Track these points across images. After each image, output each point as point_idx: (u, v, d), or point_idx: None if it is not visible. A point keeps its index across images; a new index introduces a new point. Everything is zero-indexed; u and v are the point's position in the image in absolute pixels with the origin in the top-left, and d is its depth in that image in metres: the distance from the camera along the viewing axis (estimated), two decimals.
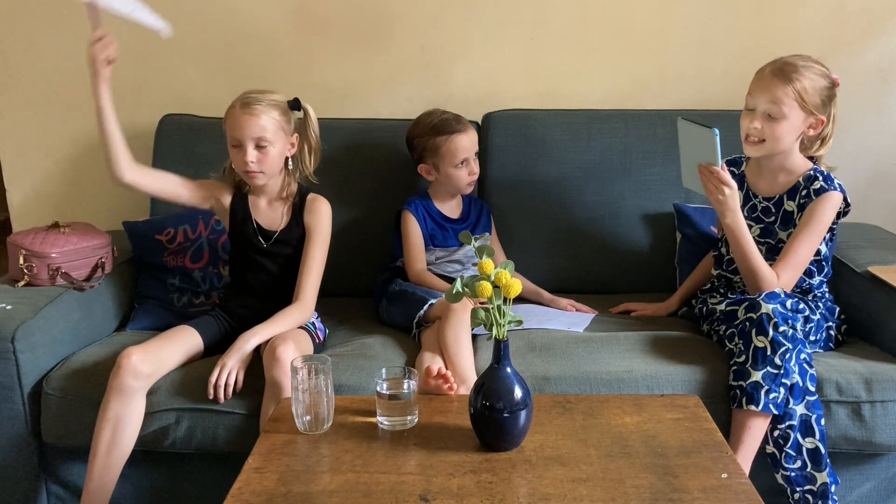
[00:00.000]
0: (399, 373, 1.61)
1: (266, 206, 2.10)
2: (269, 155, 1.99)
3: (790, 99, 1.93)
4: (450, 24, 2.60)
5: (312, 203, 2.10)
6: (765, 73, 1.98)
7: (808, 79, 1.94)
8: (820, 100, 1.96)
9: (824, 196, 1.98)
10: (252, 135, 1.96)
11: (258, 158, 1.97)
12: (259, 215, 2.09)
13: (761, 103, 1.97)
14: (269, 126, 1.97)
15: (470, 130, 2.28)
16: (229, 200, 2.10)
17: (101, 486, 1.81)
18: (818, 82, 1.96)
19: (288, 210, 2.09)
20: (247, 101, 1.98)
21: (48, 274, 2.08)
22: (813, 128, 1.99)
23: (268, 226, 2.09)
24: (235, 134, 1.97)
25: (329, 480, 1.42)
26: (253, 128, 1.96)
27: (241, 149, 1.98)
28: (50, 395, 1.92)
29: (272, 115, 1.98)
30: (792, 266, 1.97)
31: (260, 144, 1.97)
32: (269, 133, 1.97)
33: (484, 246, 1.52)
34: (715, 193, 1.91)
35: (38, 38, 2.61)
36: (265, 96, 2.00)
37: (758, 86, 1.98)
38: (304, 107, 2.07)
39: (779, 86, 1.94)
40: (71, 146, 2.68)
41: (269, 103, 1.99)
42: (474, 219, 2.39)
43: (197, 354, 1.97)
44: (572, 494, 1.37)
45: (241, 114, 1.97)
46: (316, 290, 2.04)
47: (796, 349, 1.81)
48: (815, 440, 1.81)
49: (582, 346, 1.99)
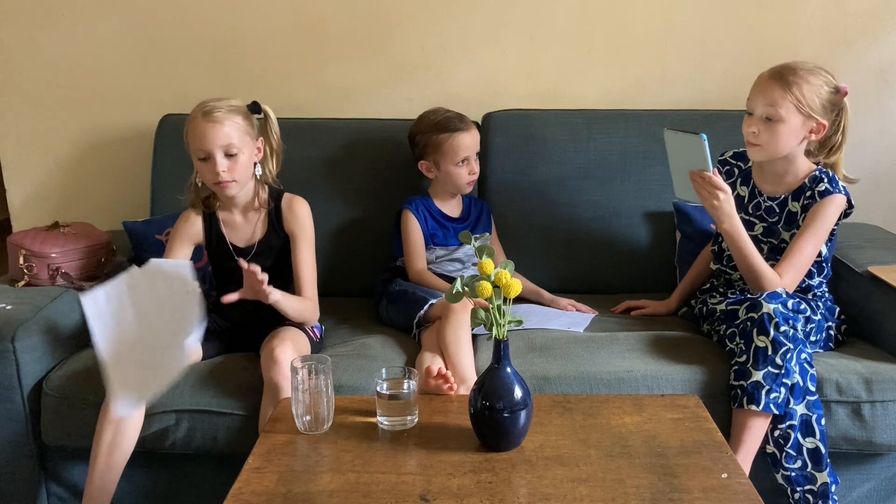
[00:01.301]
0: (399, 373, 1.61)
1: (241, 219, 2.04)
2: (239, 162, 1.93)
3: (787, 102, 1.93)
4: (450, 25, 2.60)
5: (290, 206, 2.04)
6: (763, 77, 1.99)
7: (807, 82, 1.94)
8: (820, 104, 1.95)
9: (829, 198, 1.98)
10: (219, 143, 1.90)
11: (229, 167, 1.91)
12: (233, 232, 2.04)
13: (759, 107, 1.97)
14: (235, 133, 1.92)
15: (472, 129, 2.29)
16: (200, 225, 2.03)
17: (102, 486, 1.81)
18: (818, 87, 1.95)
19: (264, 219, 2.04)
20: (207, 111, 1.91)
21: (48, 274, 2.08)
22: (815, 132, 1.99)
23: (245, 241, 2.04)
24: (202, 146, 1.90)
25: (329, 480, 1.42)
26: (219, 136, 1.90)
27: (209, 161, 1.91)
28: (50, 396, 1.92)
29: (236, 121, 1.93)
30: (795, 266, 1.97)
31: (229, 153, 1.91)
32: (236, 140, 1.92)
33: (484, 246, 1.52)
34: (709, 199, 1.91)
35: (39, 37, 2.61)
36: (223, 103, 1.94)
37: (756, 90, 1.99)
38: (264, 109, 2.02)
39: (775, 89, 1.94)
40: (71, 146, 2.68)
41: (229, 109, 1.93)
42: (474, 218, 2.39)
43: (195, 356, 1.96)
44: (572, 494, 1.37)
45: (204, 123, 1.90)
46: (316, 291, 2.03)
47: (797, 349, 1.81)
48: (815, 440, 1.81)
49: (582, 346, 1.99)
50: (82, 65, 2.63)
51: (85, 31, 2.61)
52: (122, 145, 2.66)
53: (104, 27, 2.60)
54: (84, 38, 2.61)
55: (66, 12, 2.59)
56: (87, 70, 2.63)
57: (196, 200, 2.04)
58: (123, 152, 2.66)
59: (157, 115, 2.53)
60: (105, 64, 2.62)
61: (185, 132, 1.96)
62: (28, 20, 2.60)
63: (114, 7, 2.58)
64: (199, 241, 2.05)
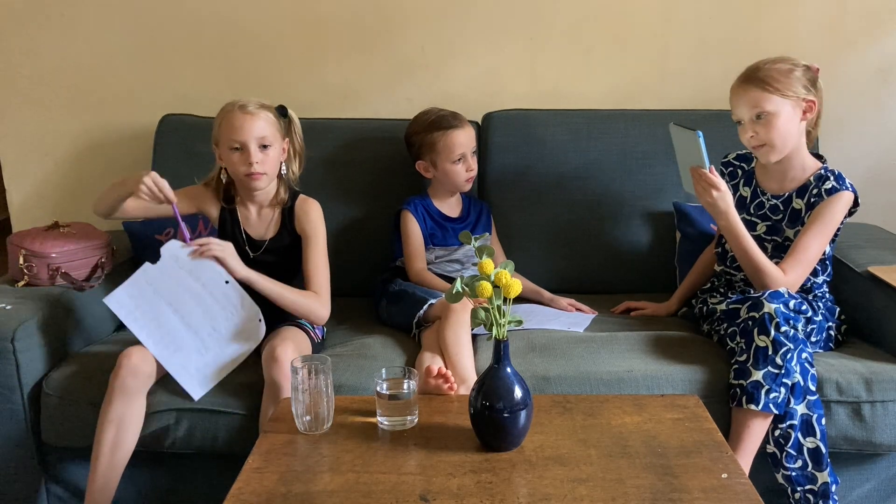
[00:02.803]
0: (399, 373, 1.61)
1: (255, 215, 2.07)
2: (270, 156, 1.98)
3: (769, 95, 1.94)
4: (450, 24, 2.60)
5: (303, 207, 2.07)
6: (735, 87, 2.01)
7: (777, 70, 1.95)
8: (800, 84, 1.96)
9: (837, 195, 1.98)
10: (255, 134, 1.95)
11: (261, 159, 1.96)
12: (249, 226, 2.07)
13: (745, 112, 1.98)
14: (268, 127, 1.98)
15: (466, 126, 2.29)
16: (216, 213, 2.08)
17: (104, 486, 1.81)
18: (788, 71, 1.96)
19: (277, 218, 2.07)
20: (243, 105, 1.97)
21: (48, 274, 2.08)
22: (808, 111, 1.99)
23: (258, 236, 2.07)
24: (238, 136, 1.95)
25: (329, 480, 1.42)
26: (255, 128, 1.95)
27: (243, 151, 1.96)
28: (50, 396, 1.92)
29: (268, 117, 1.99)
30: (801, 263, 1.97)
31: (263, 144, 1.96)
32: (269, 134, 1.97)
33: (484, 246, 1.52)
34: (704, 196, 1.92)
35: (39, 38, 2.61)
36: (255, 100, 2.00)
37: (734, 100, 2.01)
38: (290, 113, 2.06)
39: (752, 90, 1.96)
40: (71, 146, 2.68)
41: (261, 105, 1.99)
42: (474, 218, 2.39)
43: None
44: (572, 494, 1.37)
45: (241, 115, 1.95)
46: (328, 290, 2.02)
47: (797, 349, 1.81)
48: (815, 440, 1.81)
49: (582, 346, 1.99)
50: (82, 65, 2.63)
51: (85, 31, 2.61)
52: (122, 145, 2.66)
53: (104, 27, 2.60)
54: (84, 38, 2.61)
55: (66, 12, 2.59)
56: (87, 70, 2.63)
57: (218, 191, 2.07)
58: (123, 152, 2.66)
59: (157, 115, 2.53)
60: (105, 64, 2.62)
61: (215, 126, 2.00)
62: (28, 20, 2.60)
63: (114, 7, 2.58)
64: (205, 213, 2.08)
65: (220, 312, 1.91)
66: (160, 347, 1.86)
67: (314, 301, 1.98)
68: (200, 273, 1.90)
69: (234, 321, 1.92)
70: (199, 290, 1.90)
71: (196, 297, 1.90)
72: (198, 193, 2.08)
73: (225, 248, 1.90)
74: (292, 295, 1.96)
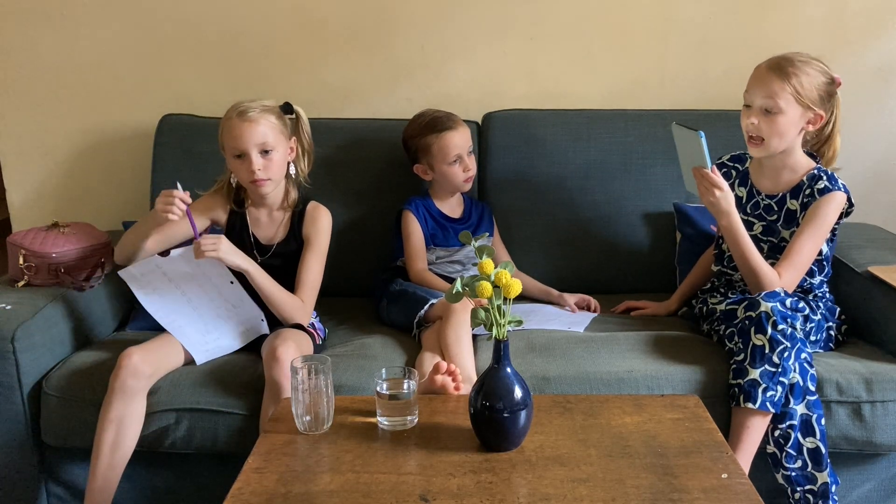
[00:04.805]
0: (399, 373, 1.61)
1: (266, 218, 2.08)
2: (274, 161, 1.98)
3: (786, 93, 1.94)
4: (450, 24, 2.60)
5: (312, 213, 2.08)
6: (761, 69, 1.99)
7: (805, 73, 1.95)
8: (817, 95, 1.96)
9: (828, 196, 1.98)
10: (255, 141, 1.95)
11: (264, 165, 1.96)
12: (258, 229, 2.07)
13: (758, 98, 1.97)
14: (269, 131, 1.97)
15: (461, 127, 2.28)
16: (225, 218, 2.08)
17: (104, 486, 1.81)
18: (815, 77, 1.96)
19: (287, 222, 2.07)
20: (242, 111, 1.96)
21: (48, 274, 2.08)
22: (812, 123, 1.99)
23: (266, 240, 2.07)
24: (237, 144, 1.95)
25: (329, 480, 1.42)
26: (254, 135, 1.94)
27: (244, 159, 1.96)
28: (50, 396, 1.92)
29: (270, 120, 1.98)
30: (795, 265, 1.97)
31: (264, 150, 1.96)
32: (271, 138, 1.97)
33: (484, 246, 1.52)
34: (706, 196, 1.92)
35: (38, 38, 2.61)
36: (256, 103, 1.99)
37: (754, 82, 1.99)
38: (296, 110, 2.06)
39: (774, 80, 1.95)
40: (71, 146, 2.68)
41: (262, 109, 1.98)
42: (476, 220, 2.39)
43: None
44: (572, 494, 1.37)
45: (239, 123, 1.95)
46: (313, 298, 2.03)
47: (795, 348, 1.81)
48: (815, 440, 1.81)
49: (582, 346, 1.99)
50: (82, 65, 2.63)
51: (85, 31, 2.61)
52: (122, 145, 2.66)
53: (104, 27, 2.60)
54: (84, 38, 2.61)
55: (66, 12, 2.59)
56: (87, 70, 2.63)
57: (227, 197, 2.08)
58: (123, 152, 2.66)
59: (157, 115, 2.53)
60: (105, 64, 2.62)
61: (219, 133, 2.01)
62: (28, 20, 2.60)
63: (114, 7, 2.58)
64: (215, 220, 2.09)
65: (224, 304, 1.97)
66: (168, 320, 1.94)
67: (298, 309, 1.98)
68: (209, 270, 1.95)
69: (237, 318, 1.97)
70: (207, 283, 1.97)
71: (203, 286, 1.96)
72: (207, 205, 2.07)
73: (218, 245, 1.88)
74: (281, 294, 1.97)
